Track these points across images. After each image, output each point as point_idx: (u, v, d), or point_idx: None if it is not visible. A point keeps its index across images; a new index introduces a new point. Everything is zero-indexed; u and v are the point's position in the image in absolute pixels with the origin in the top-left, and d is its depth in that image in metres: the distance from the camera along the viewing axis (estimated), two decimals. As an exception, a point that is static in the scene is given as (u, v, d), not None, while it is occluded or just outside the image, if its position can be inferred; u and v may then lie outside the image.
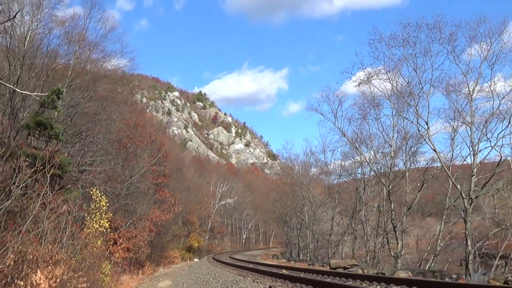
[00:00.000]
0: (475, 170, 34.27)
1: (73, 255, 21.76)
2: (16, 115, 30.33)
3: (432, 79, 36.17)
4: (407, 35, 35.56)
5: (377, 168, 44.55)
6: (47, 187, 19.84)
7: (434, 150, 36.03)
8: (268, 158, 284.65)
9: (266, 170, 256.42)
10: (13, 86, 29.87)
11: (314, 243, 63.15)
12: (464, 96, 35.84)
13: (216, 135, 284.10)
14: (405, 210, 40.36)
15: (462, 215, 34.74)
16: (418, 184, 42.20)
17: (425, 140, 37.20)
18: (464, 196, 34.17)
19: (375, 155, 44.90)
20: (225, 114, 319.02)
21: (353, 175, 53.82)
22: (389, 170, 42.02)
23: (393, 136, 42.27)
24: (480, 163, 35.23)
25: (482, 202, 55.76)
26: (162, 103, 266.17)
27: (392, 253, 41.00)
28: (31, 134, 27.02)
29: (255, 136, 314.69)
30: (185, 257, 73.30)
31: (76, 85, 36.31)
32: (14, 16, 8.42)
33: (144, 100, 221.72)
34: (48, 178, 20.22)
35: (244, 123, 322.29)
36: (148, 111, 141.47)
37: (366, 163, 45.63)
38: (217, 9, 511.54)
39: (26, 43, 31.98)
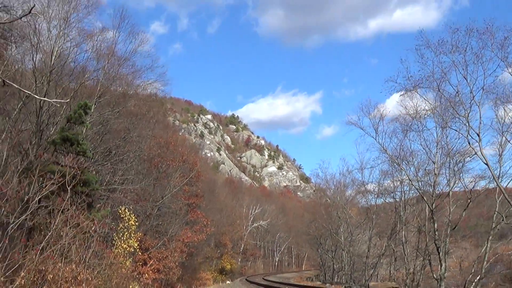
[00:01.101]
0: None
1: (99, 275, 20.75)
2: (43, 132, 29.60)
3: (485, 87, 33.82)
4: (457, 41, 33.37)
5: (419, 186, 42.60)
6: (70, 203, 18.92)
7: (487, 164, 33.55)
8: (301, 181, 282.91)
9: (299, 193, 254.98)
10: (40, 103, 29.30)
11: (350, 265, 61.26)
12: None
13: (248, 158, 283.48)
14: (449, 230, 38.34)
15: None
16: (463, 202, 40.28)
17: (476, 154, 34.81)
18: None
19: (416, 173, 42.92)
20: (258, 137, 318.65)
21: (392, 195, 51.91)
22: (432, 188, 40.02)
23: (436, 152, 40.24)
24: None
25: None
26: (195, 125, 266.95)
27: (434, 275, 39.08)
28: (57, 150, 26.16)
29: (288, 159, 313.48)
30: (217, 279, 72.01)
31: (105, 102, 35.54)
32: (29, 12, 7.50)
33: (177, 122, 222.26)
34: (71, 193, 19.30)
35: (277, 146, 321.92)
36: (180, 133, 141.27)
37: (408, 180, 43.77)
38: (250, 33, 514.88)
39: (53, 58, 31.23)
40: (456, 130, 36.89)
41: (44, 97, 29.27)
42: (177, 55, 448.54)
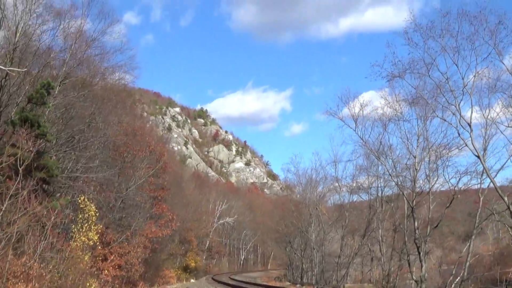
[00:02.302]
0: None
1: (54, 270, 18.62)
2: (2, 112, 27.51)
3: (476, 74, 31.81)
4: (447, 25, 31.41)
5: (398, 182, 40.84)
6: (22, 187, 16.77)
7: (478, 156, 31.73)
8: (268, 178, 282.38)
9: (266, 190, 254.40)
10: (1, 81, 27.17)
11: (321, 265, 59.42)
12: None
13: (216, 152, 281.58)
14: (429, 229, 36.58)
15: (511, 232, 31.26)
16: (443, 200, 38.72)
17: (466, 145, 33.16)
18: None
19: (394, 167, 41.18)
20: (226, 132, 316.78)
21: (368, 191, 50.24)
22: (412, 184, 38.44)
23: (417, 146, 38.59)
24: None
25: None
26: (163, 118, 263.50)
27: (414, 276, 37.54)
28: (15, 132, 24.06)
29: (255, 155, 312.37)
30: (181, 277, 70.23)
31: (70, 84, 33.35)
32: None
33: (145, 114, 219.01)
34: (26, 178, 17.17)
35: (245, 141, 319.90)
36: (148, 125, 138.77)
37: (387, 175, 42.13)
38: (223, 27, 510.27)
39: (17, 35, 29.08)
40: (445, 120, 35.00)
41: (6, 77, 27.16)
42: (149, 46, 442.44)
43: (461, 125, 32.56)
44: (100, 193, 35.04)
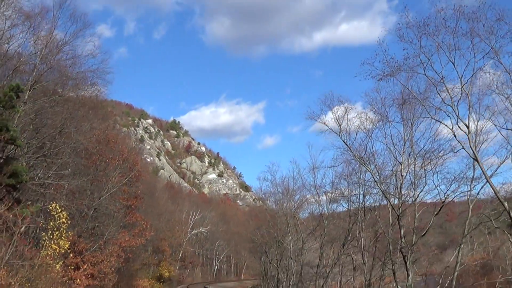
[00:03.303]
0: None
1: (23, 279, 17.80)
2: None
3: (475, 72, 30.59)
4: (443, 20, 30.23)
5: (383, 189, 39.84)
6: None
7: (476, 159, 30.21)
8: (241, 189, 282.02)
9: (238, 201, 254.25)
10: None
11: (299, 275, 58.42)
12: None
13: (189, 164, 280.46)
14: (415, 239, 35.18)
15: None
16: (429, 208, 37.88)
17: (463, 148, 31.76)
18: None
19: (379, 174, 40.19)
20: (198, 143, 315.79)
21: (348, 199, 49.43)
22: (398, 190, 37.44)
23: (403, 151, 37.62)
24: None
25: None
26: (135, 130, 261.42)
27: (399, 286, 36.74)
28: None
29: (228, 167, 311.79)
30: (155, 287, 69.14)
31: (41, 89, 32.42)
32: None
33: (117, 126, 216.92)
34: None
35: (218, 153, 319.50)
36: (121, 135, 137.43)
37: (372, 182, 41.18)
38: (196, 41, 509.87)
39: (-15, 39, 28.22)
40: (439, 121, 33.66)
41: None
42: (122, 59, 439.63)
43: (459, 126, 31.20)
44: (72, 201, 34.09)
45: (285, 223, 62.57)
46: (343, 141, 40.03)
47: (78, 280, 31.73)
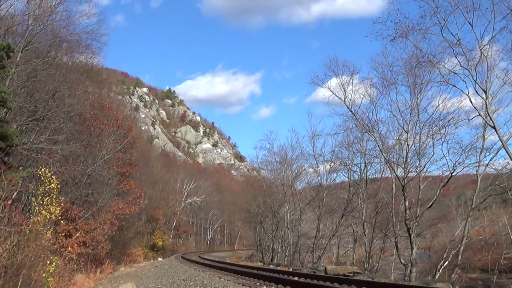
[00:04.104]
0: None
1: (11, 246, 16.94)
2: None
3: (495, 35, 27.79)
4: None
5: (387, 157, 38.31)
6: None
7: (494, 127, 28.37)
8: (236, 160, 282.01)
9: (232, 172, 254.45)
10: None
11: (297, 246, 57.67)
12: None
13: (183, 133, 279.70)
14: (419, 211, 33.82)
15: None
16: (435, 179, 36.68)
17: (479, 115, 30.21)
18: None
19: (383, 143, 38.60)
20: (193, 113, 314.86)
21: (349, 168, 48.36)
22: (404, 160, 35.39)
23: (410, 119, 35.76)
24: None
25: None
26: (130, 98, 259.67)
27: (402, 260, 35.87)
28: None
29: (223, 137, 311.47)
30: (149, 256, 69.24)
31: (33, 50, 31.22)
32: None
33: (112, 94, 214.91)
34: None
35: (213, 123, 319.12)
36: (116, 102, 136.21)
37: (377, 151, 39.88)
38: (194, 9, 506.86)
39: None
40: (455, 86, 31.73)
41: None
42: (119, 27, 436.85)
43: (476, 91, 29.38)
44: (66, 167, 33.11)
45: (282, 193, 61.81)
46: (348, 107, 38.75)
47: (70, 247, 30.92)
